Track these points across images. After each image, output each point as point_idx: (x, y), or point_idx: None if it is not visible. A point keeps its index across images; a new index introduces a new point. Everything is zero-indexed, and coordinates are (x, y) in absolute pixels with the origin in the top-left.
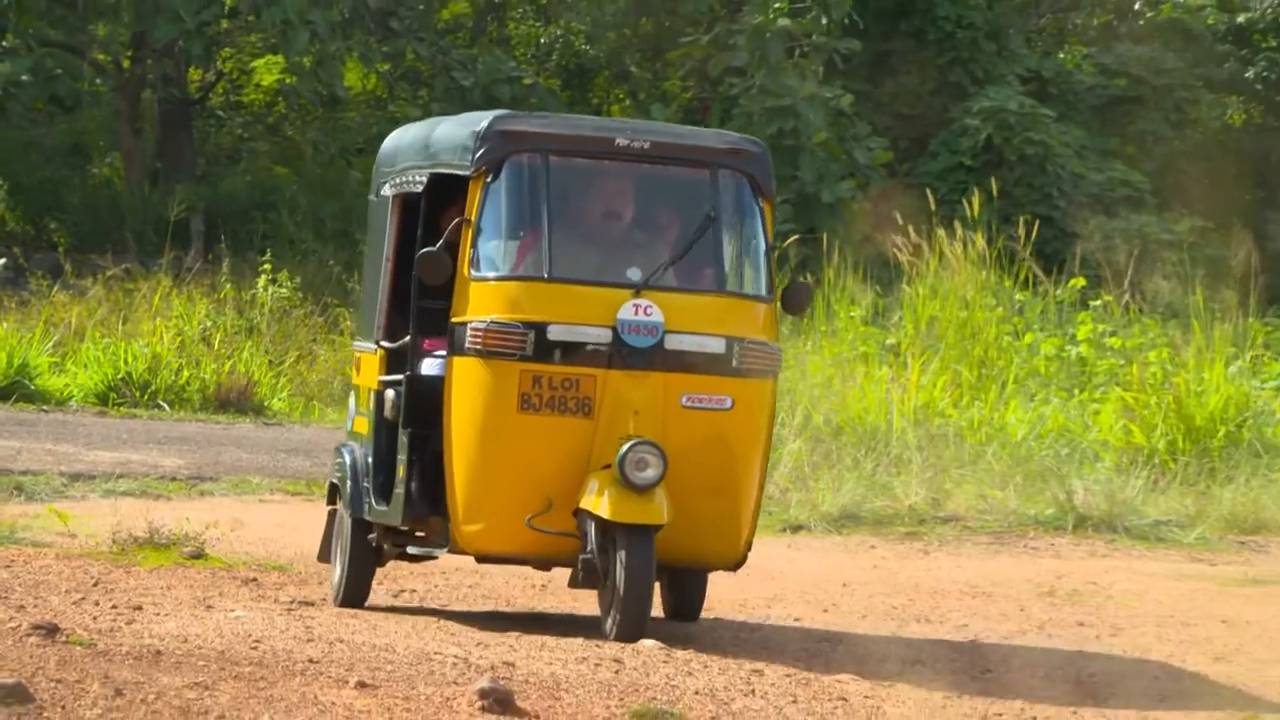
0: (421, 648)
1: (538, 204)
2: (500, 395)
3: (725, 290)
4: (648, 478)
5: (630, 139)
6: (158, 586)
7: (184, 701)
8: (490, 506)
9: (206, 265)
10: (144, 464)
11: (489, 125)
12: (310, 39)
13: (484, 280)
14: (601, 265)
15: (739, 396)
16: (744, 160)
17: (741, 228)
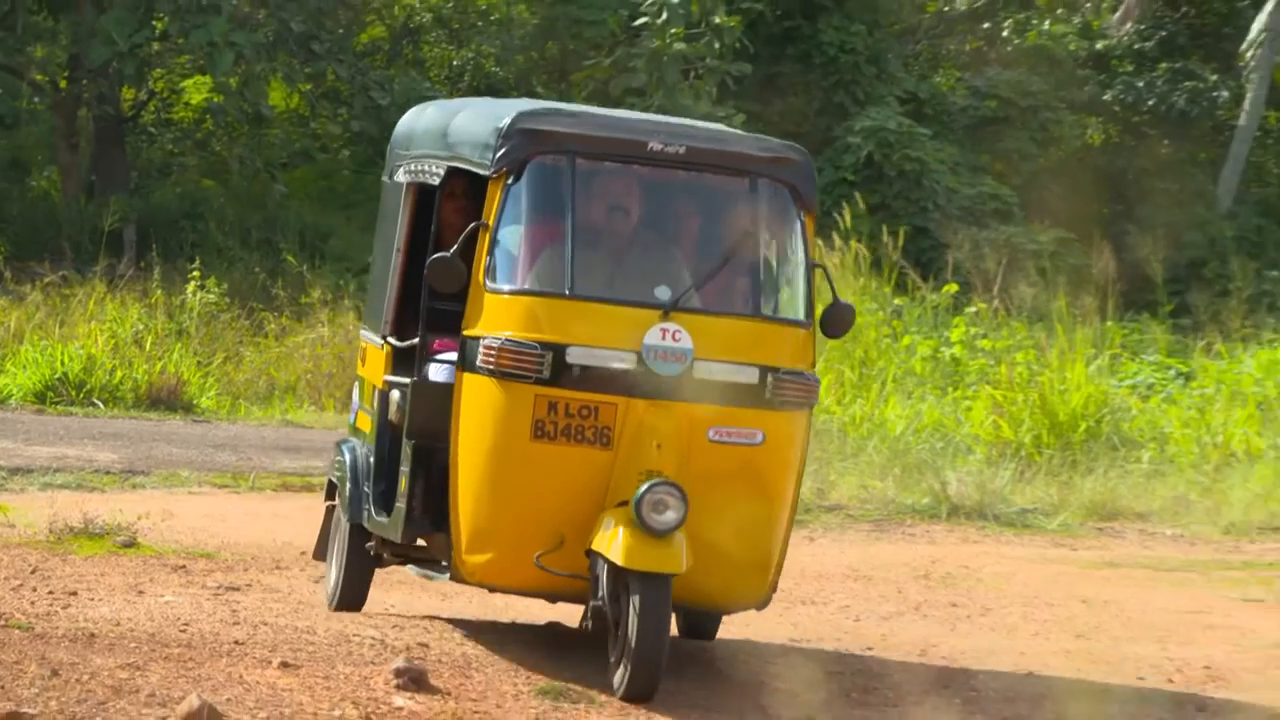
0: (341, 630)
1: (561, 211)
2: (512, 420)
3: (760, 314)
4: (667, 521)
5: (664, 143)
6: (92, 573)
7: (116, 681)
8: (496, 538)
9: (139, 272)
10: (79, 459)
11: (512, 123)
12: (236, 60)
13: (499, 293)
14: (628, 282)
15: (770, 431)
16: (785, 169)
17: (780, 244)
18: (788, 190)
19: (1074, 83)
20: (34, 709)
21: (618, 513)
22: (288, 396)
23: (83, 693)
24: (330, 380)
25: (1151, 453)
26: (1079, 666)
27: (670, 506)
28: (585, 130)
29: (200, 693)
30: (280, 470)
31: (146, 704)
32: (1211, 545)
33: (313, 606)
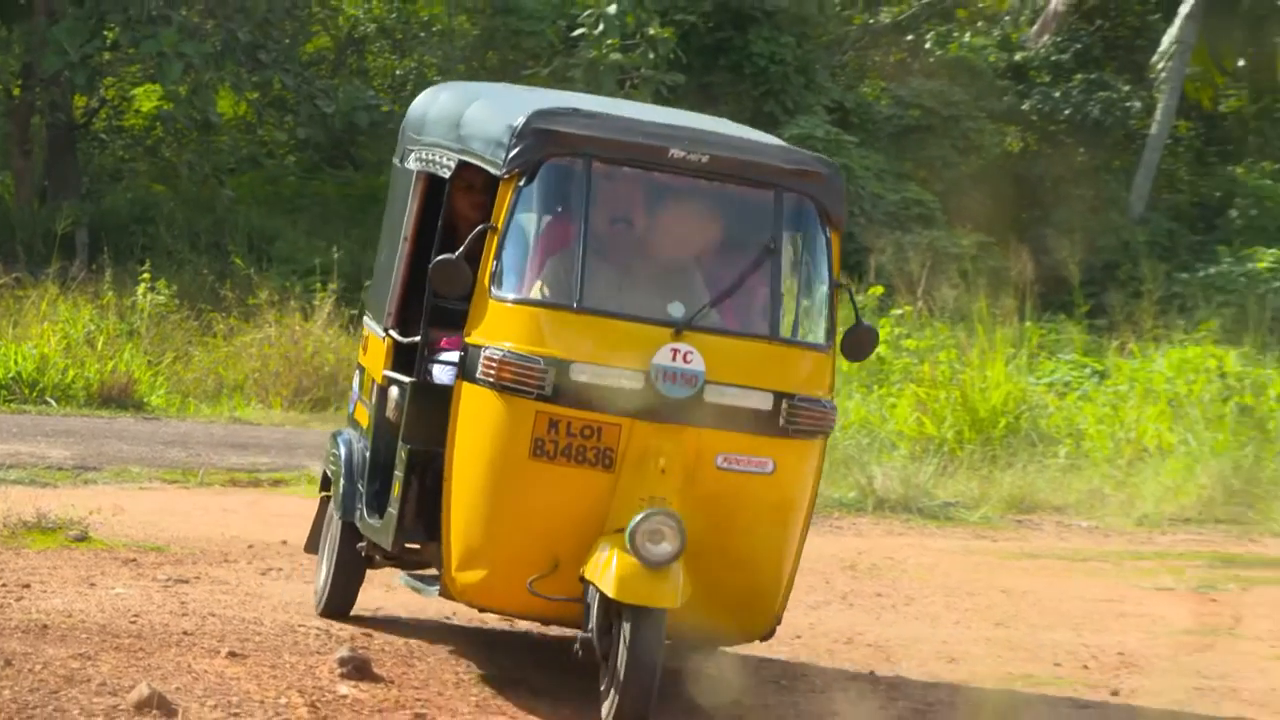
0: (287, 621)
1: (574, 218)
2: (511, 437)
3: (778, 336)
4: (662, 553)
5: (687, 150)
6: (45, 566)
7: (68, 670)
8: (488, 557)
9: (90, 274)
10: (32, 455)
11: (527, 122)
12: (185, 70)
13: (504, 301)
14: (640, 296)
15: (782, 460)
16: (812, 183)
17: (803, 262)
18: (813, 205)
19: (993, 93)
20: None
21: (614, 539)
22: (235, 395)
23: (35, 682)
24: (277, 379)
25: (1068, 448)
26: (998, 653)
27: (666, 537)
28: (604, 133)
29: (150, 682)
30: (228, 466)
31: (98, 693)
32: (1125, 537)
33: (260, 598)
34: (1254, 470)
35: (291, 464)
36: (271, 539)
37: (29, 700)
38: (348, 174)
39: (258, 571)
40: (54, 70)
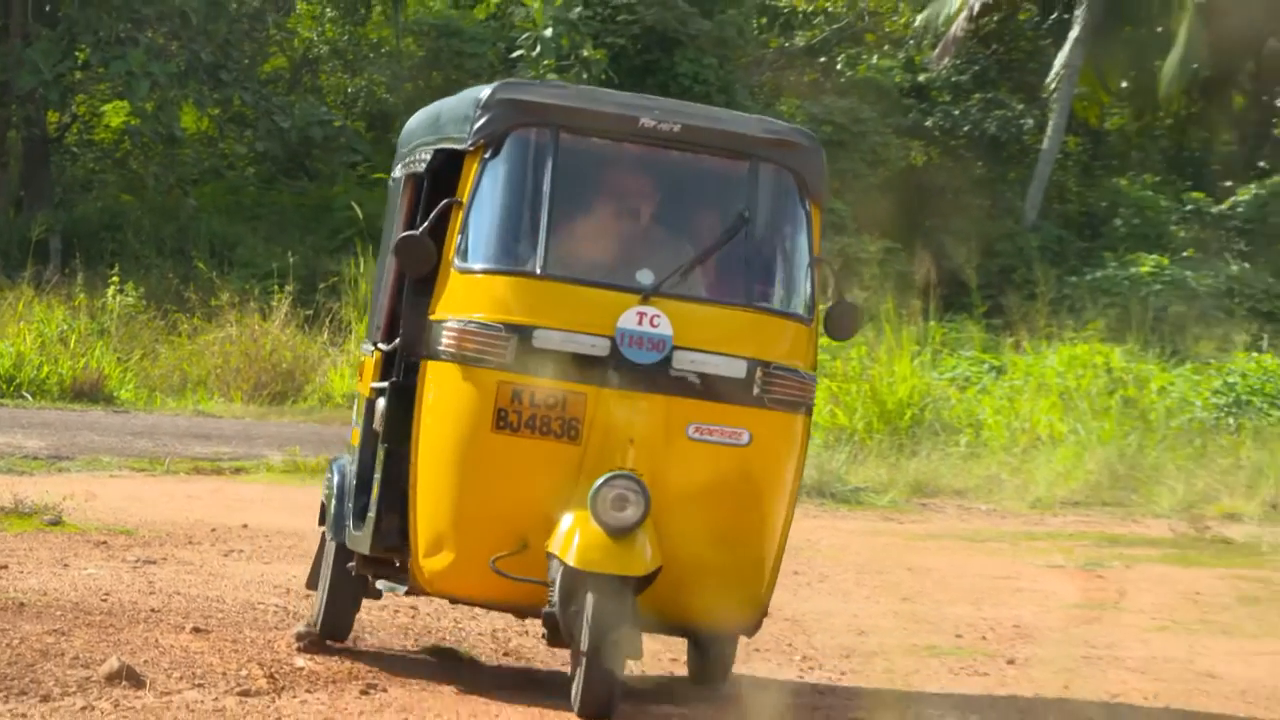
0: (248, 598)
1: (540, 186)
2: (473, 410)
3: (753, 304)
4: (625, 519)
5: (658, 120)
6: (21, 549)
7: (44, 645)
8: (454, 540)
9: (63, 278)
10: (9, 445)
11: (492, 93)
12: (151, 87)
13: (469, 272)
14: (608, 264)
15: (759, 431)
16: (790, 154)
17: (781, 232)
18: (791, 177)
19: (899, 110)
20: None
21: (578, 512)
22: (199, 389)
23: (13, 656)
24: (238, 374)
25: (968, 437)
26: (905, 626)
27: (630, 502)
28: (572, 102)
29: (120, 655)
30: (193, 455)
31: (71, 666)
32: (1019, 518)
33: (222, 578)
34: (1137, 457)
35: (251, 453)
36: (233, 523)
37: (7, 673)
38: (303, 184)
39: (220, 553)
40: (29, 88)
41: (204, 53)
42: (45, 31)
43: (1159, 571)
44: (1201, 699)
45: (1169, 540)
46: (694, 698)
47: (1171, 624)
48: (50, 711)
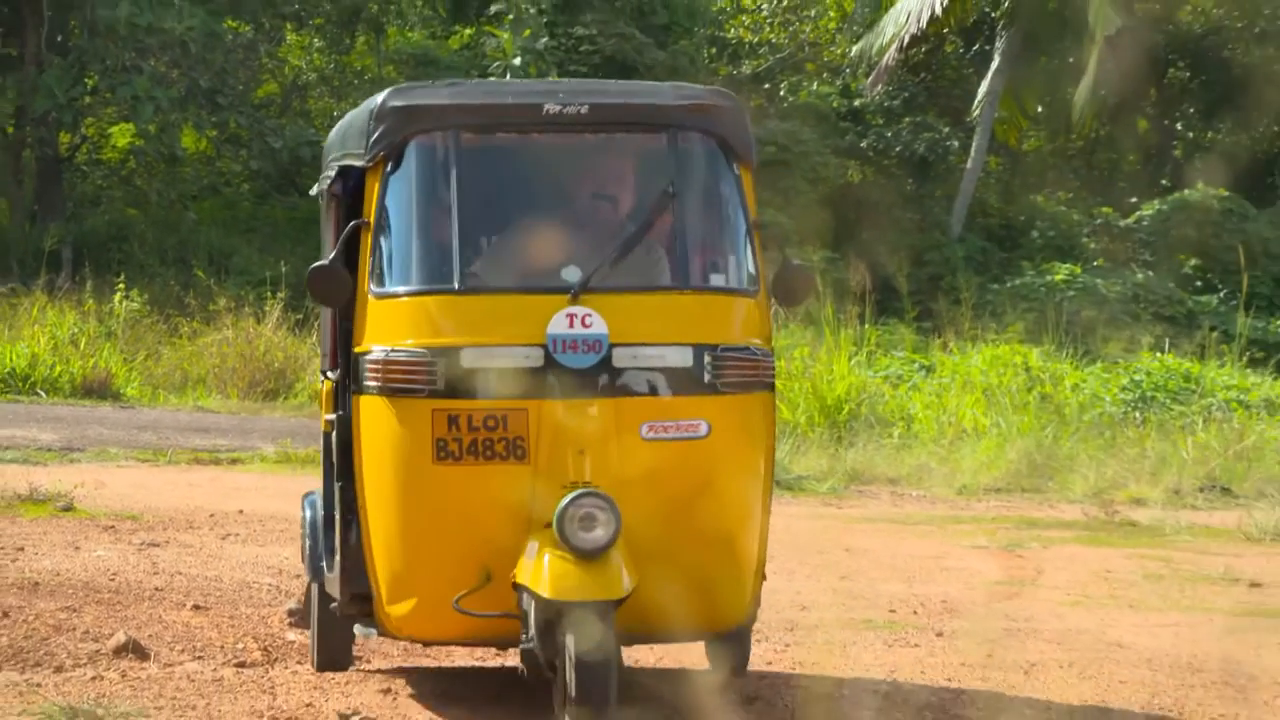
0: (244, 578)
1: (447, 195)
2: (410, 443)
3: (690, 285)
4: (596, 539)
5: (563, 104)
6: (36, 532)
7: (57, 621)
8: (415, 583)
9: (74, 285)
10: (25, 438)
11: (384, 101)
12: (154, 111)
13: (385, 297)
14: (530, 267)
15: (717, 420)
16: (711, 118)
17: (712, 203)
18: (716, 142)
19: (836, 133)
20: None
21: (542, 536)
22: (199, 387)
23: (29, 630)
24: (234, 373)
25: (900, 429)
26: (843, 602)
27: (599, 521)
28: (469, 99)
29: (127, 630)
30: (193, 447)
31: (82, 639)
32: (947, 503)
33: (220, 559)
34: (1052, 447)
35: (246, 445)
36: (230, 509)
37: (24, 646)
38: (293, 200)
39: (218, 537)
40: (43, 111)
41: (202, 80)
42: (57, 60)
43: (1072, 551)
44: (1111, 667)
45: (1081, 523)
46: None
47: (1084, 599)
48: (63, 681)
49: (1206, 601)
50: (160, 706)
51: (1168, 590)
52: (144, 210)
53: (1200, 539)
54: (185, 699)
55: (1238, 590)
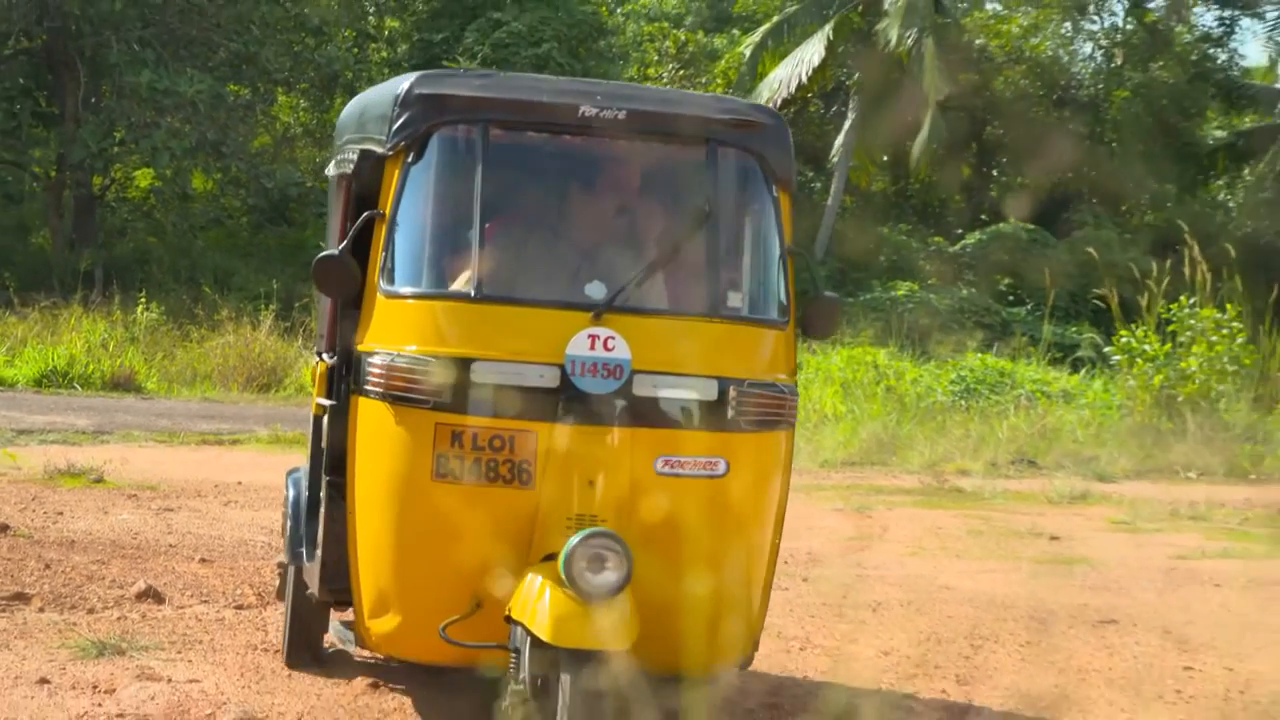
0: (242, 537)
1: (470, 194)
2: (409, 456)
3: (720, 313)
4: (605, 583)
5: (600, 107)
6: (72, 500)
7: (89, 571)
8: (400, 602)
9: (104, 299)
10: (64, 423)
11: (410, 87)
12: (170, 158)
13: (395, 297)
14: (553, 279)
15: (736, 458)
16: (753, 135)
17: (747, 225)
18: (755, 160)
19: None
20: (33, 591)
21: (544, 570)
22: (205, 381)
23: (66, 579)
24: (234, 370)
25: None
26: None
27: (610, 564)
28: (502, 93)
29: (146, 579)
30: (200, 431)
31: (109, 587)
32: (811, 474)
33: (222, 521)
34: (895, 429)
35: (244, 429)
36: (230, 480)
37: (62, 592)
38: (283, 230)
39: (221, 503)
40: (79, 159)
41: (209, 133)
42: (91, 117)
43: (911, 512)
44: (941, 605)
45: (918, 490)
46: None
47: (920, 551)
48: (94, 620)
49: (1016, 552)
50: (173, 641)
51: (986, 543)
52: (161, 239)
53: (1012, 502)
54: (194, 635)
55: (1041, 543)
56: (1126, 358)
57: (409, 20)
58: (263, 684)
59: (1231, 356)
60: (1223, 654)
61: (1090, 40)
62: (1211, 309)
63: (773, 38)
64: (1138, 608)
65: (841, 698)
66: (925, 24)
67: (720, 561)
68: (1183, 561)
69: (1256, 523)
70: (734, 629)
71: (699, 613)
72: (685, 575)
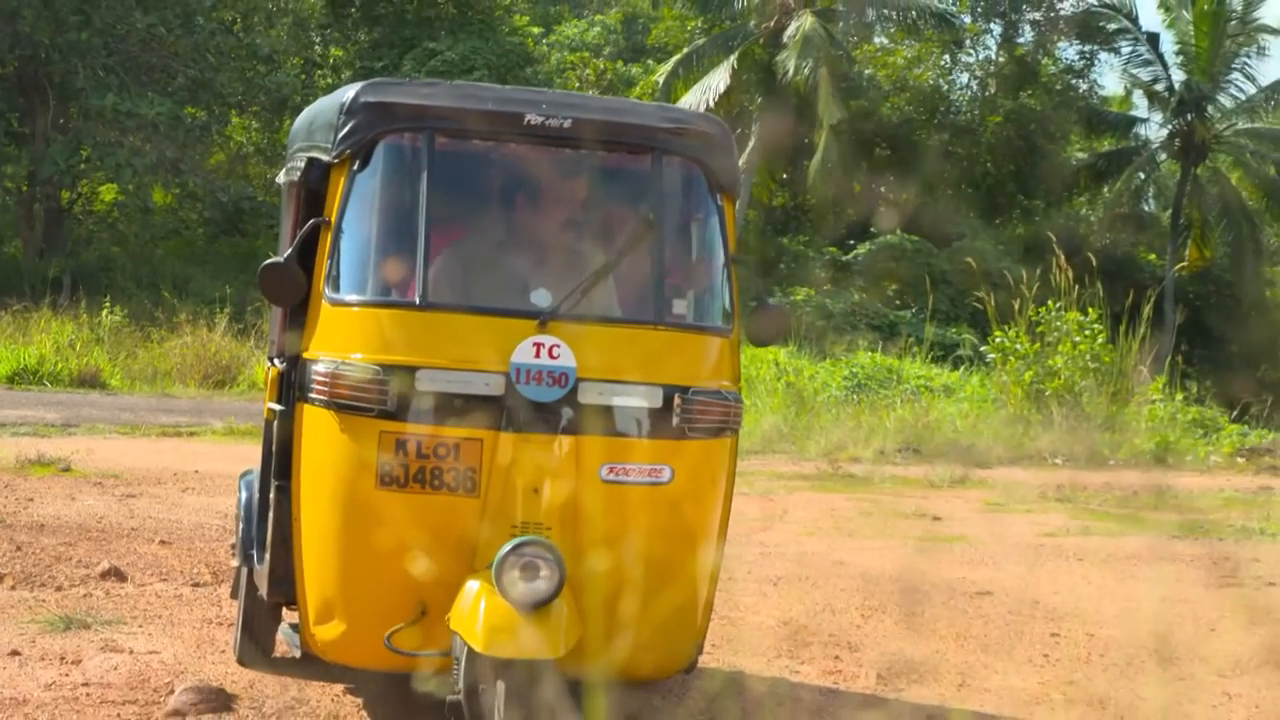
0: (199, 521)
1: (415, 202)
2: (353, 464)
3: (665, 320)
4: (536, 591)
5: (545, 115)
6: (42, 487)
7: (58, 553)
8: (345, 609)
9: (71, 303)
10: (35, 417)
11: (356, 95)
12: (132, 175)
13: (341, 304)
14: (498, 287)
15: (681, 465)
16: (697, 144)
17: (692, 234)
18: (699, 169)
19: None
20: (4, 570)
21: (481, 579)
22: (165, 378)
23: (36, 560)
24: (191, 368)
25: None
26: None
27: (541, 572)
28: (447, 101)
29: (110, 559)
30: (160, 424)
31: (76, 566)
32: None
33: (181, 506)
34: (795, 421)
35: (200, 422)
36: (188, 469)
37: (32, 571)
38: (236, 240)
39: (179, 490)
40: (49, 175)
41: (168, 151)
42: (59, 137)
43: (809, 496)
44: (835, 579)
45: (815, 475)
46: None
47: (816, 530)
48: (62, 597)
49: (903, 531)
50: (135, 616)
51: (875, 523)
52: (124, 248)
53: (898, 486)
54: (153, 610)
55: (924, 523)
56: (1000, 356)
57: (352, 49)
58: (218, 655)
59: (1093, 355)
60: (1084, 621)
61: (967, 71)
62: (1075, 312)
63: (684, 67)
64: (1009, 580)
65: (742, 662)
66: (820, 56)
67: (665, 568)
68: (1049, 539)
69: (1113, 504)
70: (679, 634)
71: (644, 619)
72: (630, 582)
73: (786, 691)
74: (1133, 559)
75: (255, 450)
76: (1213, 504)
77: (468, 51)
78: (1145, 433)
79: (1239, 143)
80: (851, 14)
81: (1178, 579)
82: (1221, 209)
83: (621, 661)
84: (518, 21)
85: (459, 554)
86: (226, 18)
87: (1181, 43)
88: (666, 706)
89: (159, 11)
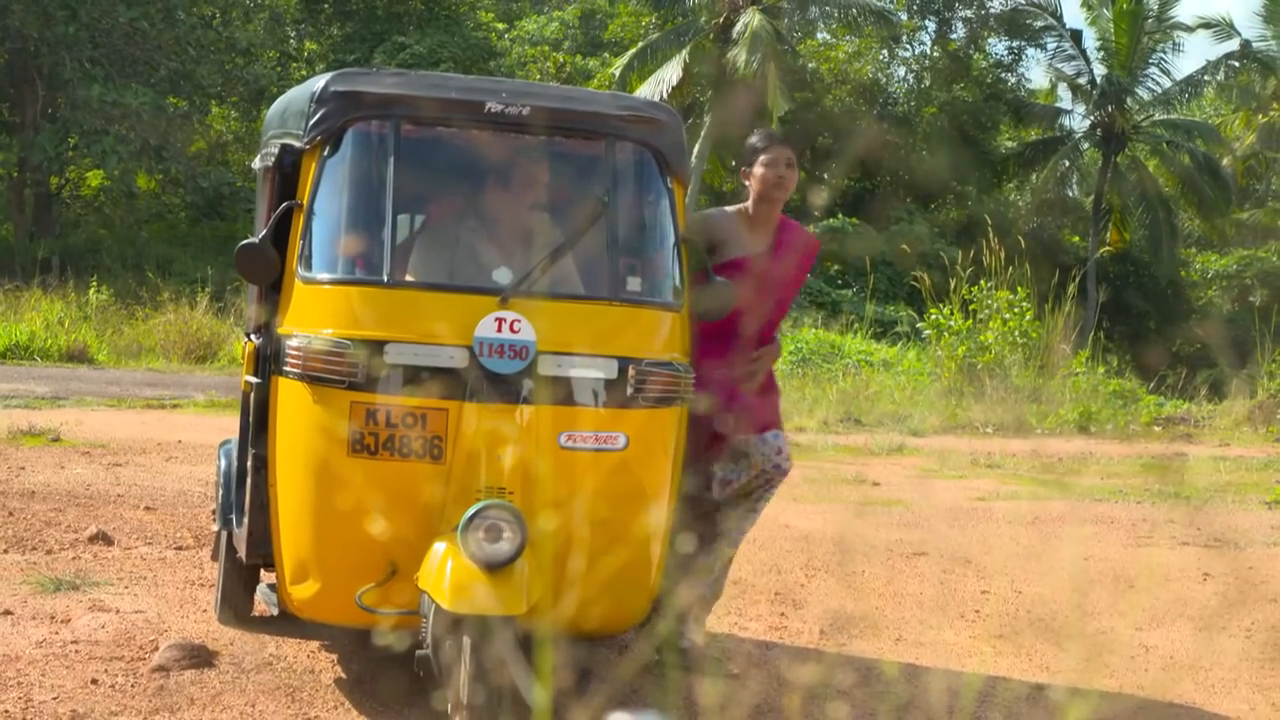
0: (182, 488)
1: (383, 185)
2: (326, 433)
3: (620, 297)
4: (499, 552)
5: (505, 103)
6: (33, 456)
7: (48, 518)
8: (319, 569)
9: (61, 283)
10: (25, 390)
11: (326, 85)
12: (117, 161)
13: (312, 283)
14: (462, 265)
15: (636, 433)
16: (648, 130)
17: (644, 215)
18: (651, 154)
19: None
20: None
21: (447, 540)
22: (150, 354)
23: (27, 525)
24: (174, 344)
25: None
26: None
27: (504, 534)
28: (413, 91)
29: (98, 524)
30: (145, 397)
31: (65, 531)
32: None
33: (165, 474)
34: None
35: (183, 395)
36: (172, 439)
37: (24, 535)
38: (217, 223)
39: (163, 459)
40: (39, 161)
41: (151, 139)
42: (48, 125)
43: None
44: (781, 541)
45: None
46: None
47: None
48: (53, 560)
49: (844, 496)
50: (121, 577)
51: (817, 489)
52: (110, 231)
53: (841, 454)
54: (139, 572)
55: (864, 488)
56: (935, 332)
57: (325, 43)
58: (199, 614)
59: (1021, 331)
60: (1013, 579)
61: (904, 65)
62: (1005, 291)
63: (639, 60)
64: (943, 542)
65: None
66: (767, 50)
67: (621, 529)
68: (980, 503)
69: (1039, 470)
70: (633, 591)
71: (601, 576)
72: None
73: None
74: (1057, 521)
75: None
76: (1131, 469)
77: (435, 45)
78: (1069, 403)
79: (1156, 133)
80: (795, 10)
81: (1098, 539)
82: (1140, 195)
83: (581, 617)
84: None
85: (426, 517)
86: (206, 12)
87: (1103, 39)
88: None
89: (142, 6)
